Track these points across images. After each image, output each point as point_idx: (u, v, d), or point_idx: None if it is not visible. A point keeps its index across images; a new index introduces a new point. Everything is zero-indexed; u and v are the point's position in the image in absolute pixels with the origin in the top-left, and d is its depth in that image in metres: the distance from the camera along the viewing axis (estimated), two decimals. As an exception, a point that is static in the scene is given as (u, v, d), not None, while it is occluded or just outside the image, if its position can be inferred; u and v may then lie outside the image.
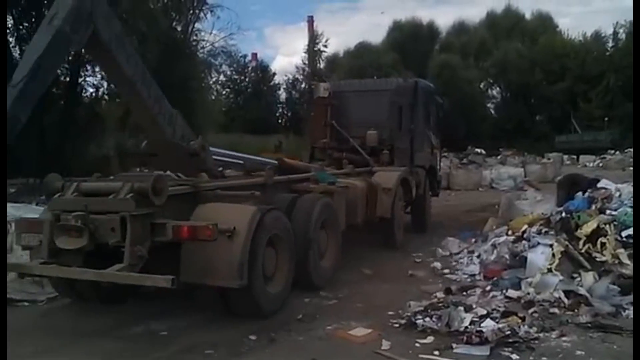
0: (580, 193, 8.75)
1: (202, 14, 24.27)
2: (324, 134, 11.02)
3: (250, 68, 52.21)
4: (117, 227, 5.22)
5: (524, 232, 7.82)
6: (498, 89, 51.74)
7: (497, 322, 5.34)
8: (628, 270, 6.39)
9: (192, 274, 5.41)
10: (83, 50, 18.67)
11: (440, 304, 5.99)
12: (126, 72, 6.20)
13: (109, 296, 6.24)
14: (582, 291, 6.09)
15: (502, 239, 8.21)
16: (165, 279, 4.80)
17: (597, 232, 6.98)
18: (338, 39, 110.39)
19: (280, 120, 54.10)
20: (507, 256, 7.52)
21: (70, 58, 20.25)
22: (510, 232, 8.28)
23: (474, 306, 5.86)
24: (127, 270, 5.04)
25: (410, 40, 46.98)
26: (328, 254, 7.41)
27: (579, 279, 6.42)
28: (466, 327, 5.27)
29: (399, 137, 10.89)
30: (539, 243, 7.19)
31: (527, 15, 52.12)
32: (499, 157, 28.86)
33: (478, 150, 29.98)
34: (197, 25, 24.48)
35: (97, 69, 21.77)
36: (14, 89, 5.17)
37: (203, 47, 25.45)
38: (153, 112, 6.52)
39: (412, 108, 10.95)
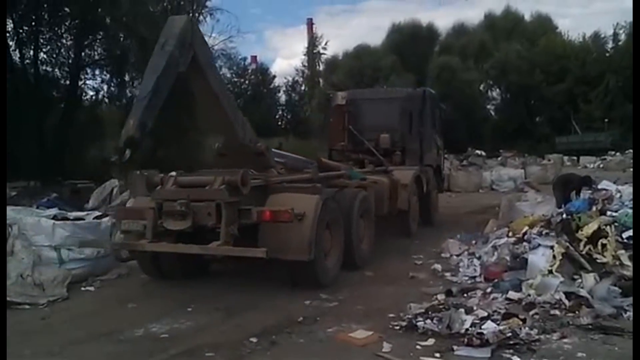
0: (574, 193, 8.77)
1: (201, 17, 24.28)
2: (341, 138, 11.99)
3: (250, 71, 52.28)
4: (213, 212, 6.45)
5: (524, 233, 7.81)
6: (498, 90, 51.82)
7: (498, 324, 5.32)
8: (629, 272, 6.38)
9: (271, 251, 6.22)
10: (84, 55, 18.62)
11: (441, 306, 5.98)
12: (214, 88, 7.47)
13: (188, 273, 7.70)
14: (583, 293, 6.07)
15: (502, 240, 8.20)
16: (261, 251, 6.17)
17: (598, 234, 6.97)
18: (338, 42, 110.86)
19: (280, 123, 54.18)
20: (507, 258, 7.51)
21: (70, 61, 20.38)
22: (510, 234, 8.26)
23: (474, 308, 5.85)
24: (223, 246, 6.28)
25: (410, 43, 47.02)
26: (366, 239, 8.64)
27: (579, 280, 6.40)
28: (467, 329, 5.26)
29: (410, 139, 12.04)
30: (539, 245, 7.18)
31: (527, 17, 52.21)
32: (499, 158, 28.88)
33: (478, 152, 29.98)
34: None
35: (97, 72, 21.91)
36: (141, 102, 6.45)
37: (203, 50, 25.45)
38: (230, 119, 7.67)
39: (421, 114, 12.17)
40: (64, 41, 20.64)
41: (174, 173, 7.32)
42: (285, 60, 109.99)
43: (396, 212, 10.36)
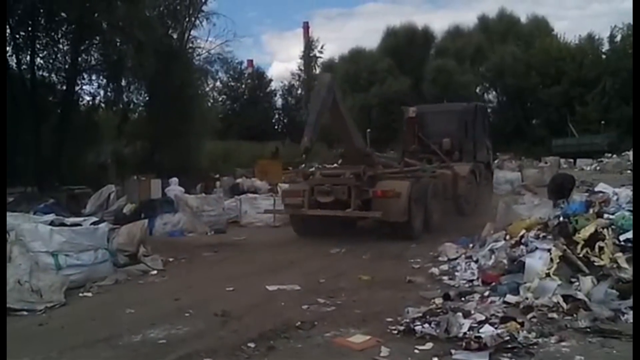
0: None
1: (198, 22, 24.35)
2: (413, 142, 15.09)
3: (246, 75, 52.28)
4: (346, 191, 11.10)
5: (521, 236, 7.81)
6: (494, 93, 51.88)
7: (496, 328, 5.32)
8: (626, 275, 6.37)
9: (382, 215, 10.94)
10: (81, 60, 18.64)
11: (438, 310, 5.97)
12: (343, 114, 11.91)
13: (325, 232, 11.74)
14: (580, 296, 6.07)
15: (500, 243, 8.21)
16: (378, 213, 10.99)
17: (595, 236, 6.96)
18: (334, 45, 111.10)
19: (276, 127, 54.19)
20: (505, 261, 7.52)
21: (66, 66, 20.36)
22: (508, 237, 8.26)
23: (472, 312, 5.84)
24: (354, 211, 10.98)
25: (406, 46, 47.04)
26: (435, 214, 12.30)
27: (577, 283, 6.40)
28: (465, 333, 5.26)
29: (465, 142, 15.15)
30: (537, 248, 7.18)
31: (523, 19, 52.27)
32: (495, 161, 28.87)
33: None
34: (193, 32, 24.57)
35: (93, 77, 21.90)
36: (309, 126, 10.75)
37: (199, 54, 25.55)
38: (352, 132, 12.13)
39: (473, 122, 15.56)
40: (61, 46, 20.59)
41: (313, 167, 13.26)
42: (282, 63, 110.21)
43: (457, 197, 13.61)
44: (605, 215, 7.61)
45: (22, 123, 17.16)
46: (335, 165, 14.58)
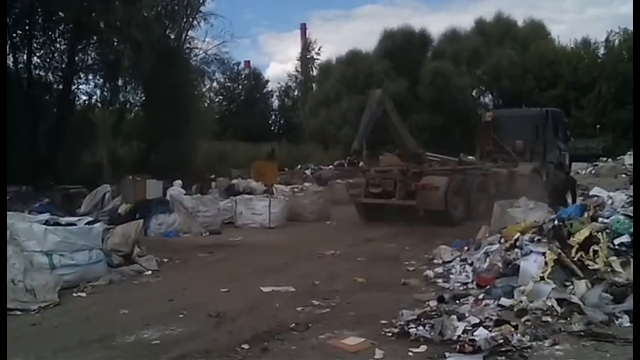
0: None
1: (195, 22, 24.33)
2: (488, 144, 17.06)
3: (243, 76, 52.28)
4: (392, 184, 14.18)
5: (516, 240, 7.83)
6: (490, 96, 51.92)
7: (490, 331, 5.33)
8: (620, 278, 6.40)
9: (420, 204, 13.67)
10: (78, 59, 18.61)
11: (433, 313, 5.98)
12: (395, 123, 14.58)
13: (379, 217, 14.55)
14: (574, 299, 6.09)
15: (494, 247, 8.22)
16: (414, 202, 13.74)
17: (590, 240, 6.99)
18: (332, 46, 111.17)
19: (272, 128, 54.21)
20: (499, 264, 7.53)
21: (63, 66, 20.33)
22: (502, 240, 8.28)
23: (466, 315, 5.84)
24: (399, 200, 13.99)
25: (403, 48, 47.00)
26: (480, 206, 13.96)
27: (571, 287, 6.42)
28: (459, 336, 5.27)
29: (536, 144, 16.91)
30: (531, 251, 7.20)
31: (519, 23, 52.27)
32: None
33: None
34: (190, 33, 24.55)
35: (90, 77, 21.89)
36: (360, 133, 13.85)
37: (196, 55, 25.51)
38: (404, 136, 14.81)
39: (545, 126, 17.10)
40: (58, 45, 20.59)
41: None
42: (280, 64, 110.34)
43: (515, 192, 13.55)
44: (600, 219, 7.65)
45: (17, 122, 17.11)
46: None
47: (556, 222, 7.74)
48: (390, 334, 5.57)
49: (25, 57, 19.51)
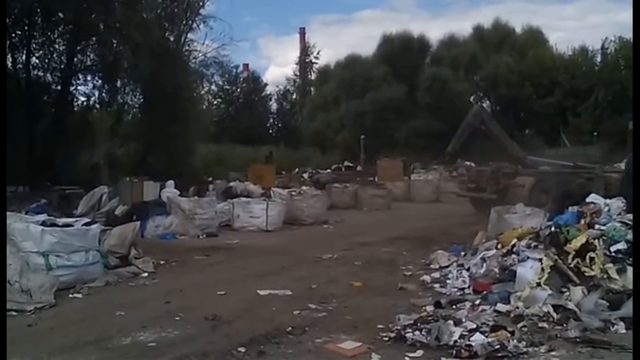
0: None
1: (195, 25, 24.37)
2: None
3: (242, 79, 52.29)
4: (484, 182, 17.66)
5: (513, 245, 7.84)
6: (488, 102, 51.89)
7: (487, 336, 5.33)
8: (616, 285, 6.42)
9: (510, 198, 14.37)
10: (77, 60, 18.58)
11: (429, 318, 5.99)
12: (494, 131, 18.12)
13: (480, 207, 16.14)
14: (571, 306, 6.09)
15: (491, 252, 8.22)
16: (495, 196, 15.92)
17: (586, 247, 7.01)
18: (331, 50, 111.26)
19: (271, 131, 54.19)
20: (496, 270, 7.53)
21: (62, 66, 20.32)
22: (499, 246, 8.29)
23: (463, 320, 5.85)
24: (490, 194, 16.68)
25: (401, 53, 47.07)
26: (546, 202, 14.46)
27: (567, 293, 6.43)
28: (455, 341, 5.27)
29: None
30: (528, 257, 7.20)
31: (518, 30, 52.36)
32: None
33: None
34: (189, 35, 24.60)
35: (88, 78, 21.89)
36: (456, 139, 18.35)
37: (195, 57, 25.54)
38: (506, 141, 18.05)
39: None
40: (57, 46, 20.59)
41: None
42: (279, 68, 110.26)
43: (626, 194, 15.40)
44: (597, 226, 7.66)
45: (15, 122, 17.09)
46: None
47: (553, 228, 7.76)
48: (386, 339, 5.57)
49: (24, 57, 19.52)
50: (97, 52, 21.09)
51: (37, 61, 20.28)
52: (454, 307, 6.61)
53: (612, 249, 7.05)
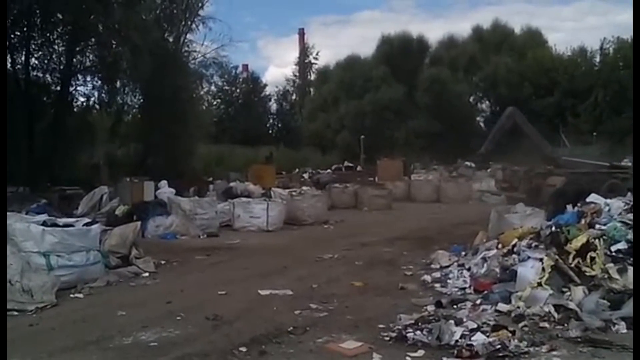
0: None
1: (194, 26, 24.40)
2: None
3: (241, 79, 52.30)
4: (516, 181, 19.04)
5: (514, 245, 7.85)
6: (488, 102, 51.95)
7: (488, 336, 5.34)
8: (617, 285, 6.42)
9: (542, 197, 14.65)
10: (76, 61, 18.46)
11: (430, 317, 5.99)
12: (527, 133, 19.29)
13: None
14: (571, 305, 6.09)
15: (492, 252, 8.23)
16: (525, 195, 16.02)
17: (587, 247, 7.01)
18: (330, 51, 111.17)
19: (270, 131, 54.20)
20: (497, 270, 7.54)
21: (61, 67, 20.32)
22: (500, 246, 8.29)
23: (464, 320, 5.85)
24: (520, 194, 16.64)
25: (400, 54, 47.10)
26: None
27: (568, 293, 6.43)
28: (457, 341, 5.27)
29: None
30: (529, 257, 7.21)
31: (517, 30, 52.37)
32: (489, 170, 28.94)
33: (468, 163, 30.08)
34: (189, 36, 24.63)
35: (88, 79, 21.90)
36: (489, 141, 20.58)
37: (195, 58, 25.58)
38: (539, 142, 19.39)
39: None
40: (56, 47, 20.61)
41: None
42: (279, 68, 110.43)
43: None
44: (597, 226, 7.67)
45: (15, 123, 17.11)
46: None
47: (553, 228, 7.76)
48: (387, 339, 5.57)
49: (23, 58, 19.52)
50: (96, 53, 21.11)
51: (36, 62, 20.32)
52: (454, 306, 6.61)
53: (613, 248, 7.06)
